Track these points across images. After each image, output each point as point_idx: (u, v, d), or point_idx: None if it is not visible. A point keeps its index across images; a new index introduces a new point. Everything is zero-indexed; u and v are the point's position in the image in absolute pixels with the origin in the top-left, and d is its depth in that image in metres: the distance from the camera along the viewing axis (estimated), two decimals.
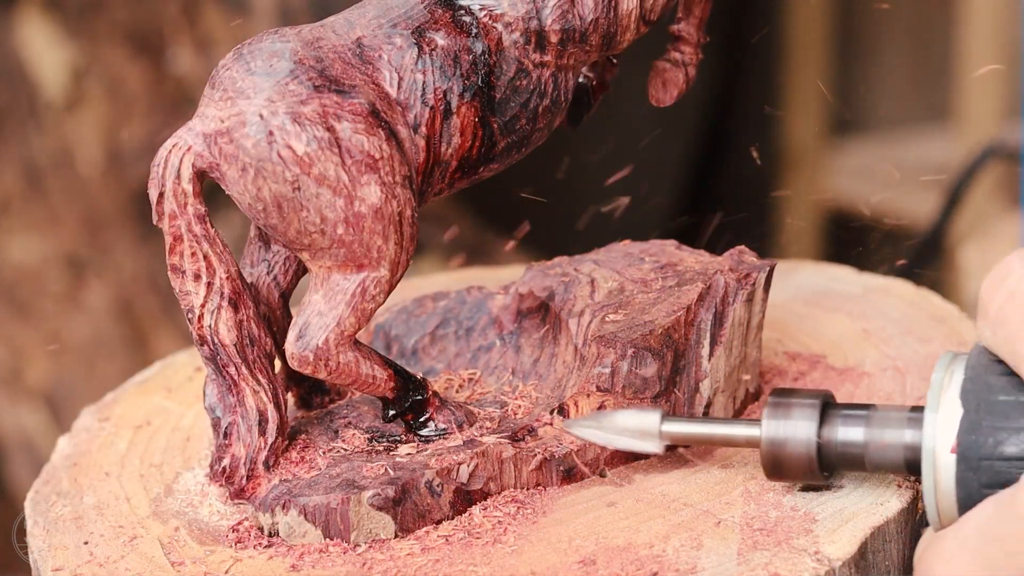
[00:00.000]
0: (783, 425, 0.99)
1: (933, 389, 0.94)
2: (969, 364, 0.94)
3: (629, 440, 1.02)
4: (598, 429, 1.03)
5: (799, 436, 0.98)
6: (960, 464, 0.91)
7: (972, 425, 0.91)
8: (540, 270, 1.15)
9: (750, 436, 1.00)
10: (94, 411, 1.19)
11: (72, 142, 2.40)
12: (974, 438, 0.91)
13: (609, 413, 1.03)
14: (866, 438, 0.98)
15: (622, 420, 1.02)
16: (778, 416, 0.99)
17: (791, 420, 0.99)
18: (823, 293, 1.28)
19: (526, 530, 1.00)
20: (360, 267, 1.02)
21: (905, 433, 0.97)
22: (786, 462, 0.99)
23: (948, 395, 0.93)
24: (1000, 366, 0.92)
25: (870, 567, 0.98)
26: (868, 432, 0.98)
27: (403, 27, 1.04)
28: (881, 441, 0.97)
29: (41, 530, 1.05)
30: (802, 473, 0.99)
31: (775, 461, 0.99)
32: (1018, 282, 0.91)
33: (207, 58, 2.40)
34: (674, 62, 1.15)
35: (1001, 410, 0.91)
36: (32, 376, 2.39)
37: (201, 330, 1.03)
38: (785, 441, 0.99)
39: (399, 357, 1.15)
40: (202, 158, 1.01)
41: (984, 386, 0.92)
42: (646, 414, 1.02)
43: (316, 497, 1.00)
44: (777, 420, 0.99)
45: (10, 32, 2.40)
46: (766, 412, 0.99)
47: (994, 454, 0.90)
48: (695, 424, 1.03)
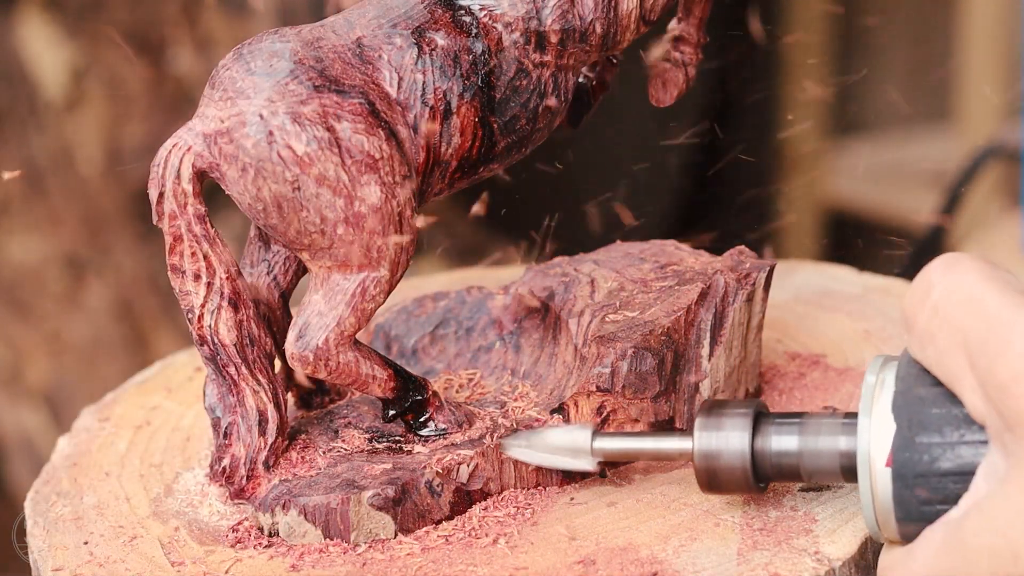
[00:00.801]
0: (715, 436, 0.97)
1: (864, 395, 0.92)
2: (899, 374, 0.91)
3: (561, 459, 1.00)
4: (528, 448, 1.01)
5: (732, 447, 0.96)
6: (896, 482, 0.89)
7: (905, 441, 0.89)
8: (540, 270, 1.15)
9: (682, 449, 0.98)
10: (94, 411, 1.19)
11: (72, 142, 2.40)
12: (908, 455, 0.89)
13: (540, 431, 1.02)
14: (800, 446, 0.96)
15: (553, 438, 1.00)
16: (710, 427, 0.97)
17: (723, 431, 0.97)
18: (823, 293, 1.28)
19: (526, 530, 1.00)
20: (360, 267, 1.02)
21: (840, 440, 0.95)
22: (720, 474, 0.97)
23: (880, 404, 0.91)
24: (930, 377, 0.90)
25: (870, 567, 0.98)
26: (802, 440, 0.96)
27: (403, 27, 1.04)
28: (815, 449, 0.95)
29: (41, 530, 1.05)
30: (737, 485, 0.97)
31: (710, 474, 0.97)
32: (940, 296, 0.89)
33: (207, 58, 2.40)
34: (674, 62, 1.15)
35: (934, 424, 0.89)
36: (32, 376, 2.39)
37: (201, 330, 1.03)
38: (719, 453, 0.97)
39: (399, 357, 1.15)
40: (202, 158, 1.01)
41: (915, 399, 0.90)
42: (577, 431, 1.00)
43: (316, 497, 1.00)
44: (709, 432, 0.97)
45: (10, 32, 2.40)
46: (697, 424, 0.97)
47: (930, 471, 0.88)
48: (627, 440, 1.01)
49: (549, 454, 1.01)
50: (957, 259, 0.90)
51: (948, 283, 0.89)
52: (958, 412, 0.89)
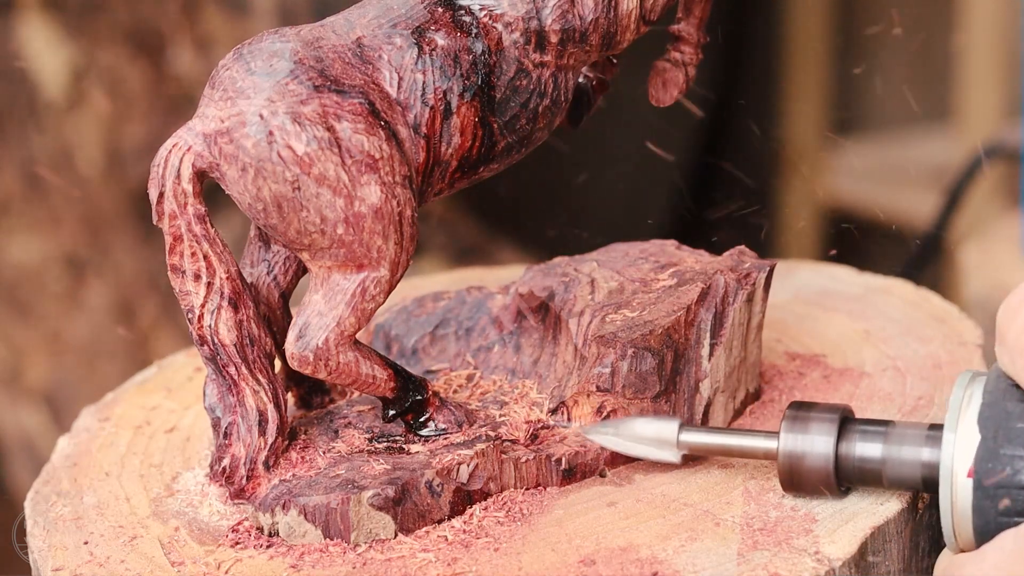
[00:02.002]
0: (801, 439, 0.99)
1: (952, 410, 0.94)
2: (987, 388, 0.94)
3: (646, 448, 1.03)
4: (616, 436, 1.03)
5: (817, 450, 0.98)
6: (977, 491, 0.92)
7: (989, 452, 0.92)
8: (540, 270, 1.15)
9: (768, 448, 1.00)
10: (94, 411, 1.19)
11: (72, 142, 2.40)
12: (991, 465, 0.92)
13: (627, 420, 1.03)
14: (884, 454, 0.98)
15: (640, 428, 1.03)
16: (796, 430, 0.99)
17: (809, 434, 0.99)
18: (823, 293, 1.28)
19: (526, 530, 1.00)
20: (360, 267, 1.02)
21: (923, 451, 0.97)
22: (803, 476, 0.99)
23: (966, 417, 0.93)
24: (1018, 392, 0.92)
25: (870, 567, 0.98)
26: (886, 448, 0.98)
27: (403, 27, 1.04)
28: (899, 458, 0.97)
29: (41, 530, 1.05)
30: (819, 487, 0.99)
31: (792, 474, 0.99)
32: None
33: (207, 58, 2.40)
34: (674, 62, 1.15)
35: (1019, 438, 0.91)
36: (32, 376, 2.39)
37: (201, 330, 1.03)
38: (803, 455, 0.99)
39: (399, 357, 1.15)
40: (202, 158, 1.01)
41: (1002, 412, 0.92)
42: (664, 423, 1.02)
43: (316, 497, 1.00)
44: (795, 434, 0.99)
45: (10, 32, 2.40)
46: (784, 425, 0.99)
47: (1012, 483, 0.91)
48: (713, 435, 1.03)
49: (634, 443, 1.03)
50: None
51: None
52: None
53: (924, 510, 1.02)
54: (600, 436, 1.04)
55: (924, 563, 1.03)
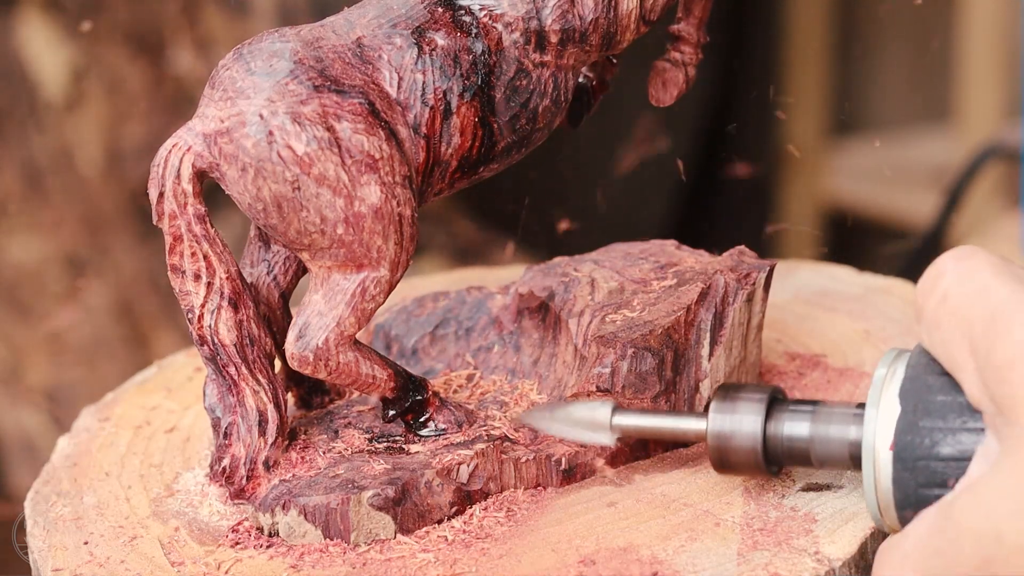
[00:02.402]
0: (729, 419, 0.99)
1: (875, 386, 0.94)
2: (910, 363, 0.94)
3: (581, 432, 1.03)
4: (551, 420, 1.03)
5: (744, 430, 0.99)
6: (896, 463, 0.92)
7: (909, 425, 0.92)
8: (540, 270, 1.15)
9: (697, 430, 1.01)
10: (94, 411, 1.19)
11: (72, 142, 2.40)
12: (910, 438, 0.91)
13: (563, 404, 1.04)
14: (811, 433, 0.98)
15: (575, 412, 1.02)
16: (724, 410, 0.99)
17: (737, 414, 0.99)
18: (823, 293, 1.28)
19: (526, 530, 1.00)
20: (360, 267, 1.02)
21: (850, 429, 0.97)
22: (732, 455, 0.99)
23: (888, 392, 0.93)
24: (938, 366, 0.92)
25: (870, 567, 0.98)
26: (813, 427, 0.98)
27: (403, 27, 1.04)
28: (826, 436, 0.98)
29: (41, 530, 1.05)
30: (748, 466, 1.00)
31: (721, 454, 1.00)
32: (950, 284, 0.90)
33: (207, 58, 2.40)
34: (674, 62, 1.15)
35: (938, 410, 0.91)
36: (32, 376, 2.38)
37: (201, 330, 1.03)
38: (731, 435, 0.99)
39: (399, 357, 1.15)
40: (202, 158, 1.01)
41: (923, 386, 0.92)
42: (598, 406, 1.02)
43: (316, 497, 1.00)
44: (723, 414, 0.99)
45: (10, 32, 2.40)
46: (712, 406, 1.00)
47: (930, 454, 0.91)
48: (645, 417, 1.03)
49: (569, 426, 1.03)
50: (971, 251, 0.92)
51: (959, 272, 0.91)
52: (962, 400, 0.90)
53: None
54: (536, 420, 1.04)
55: None
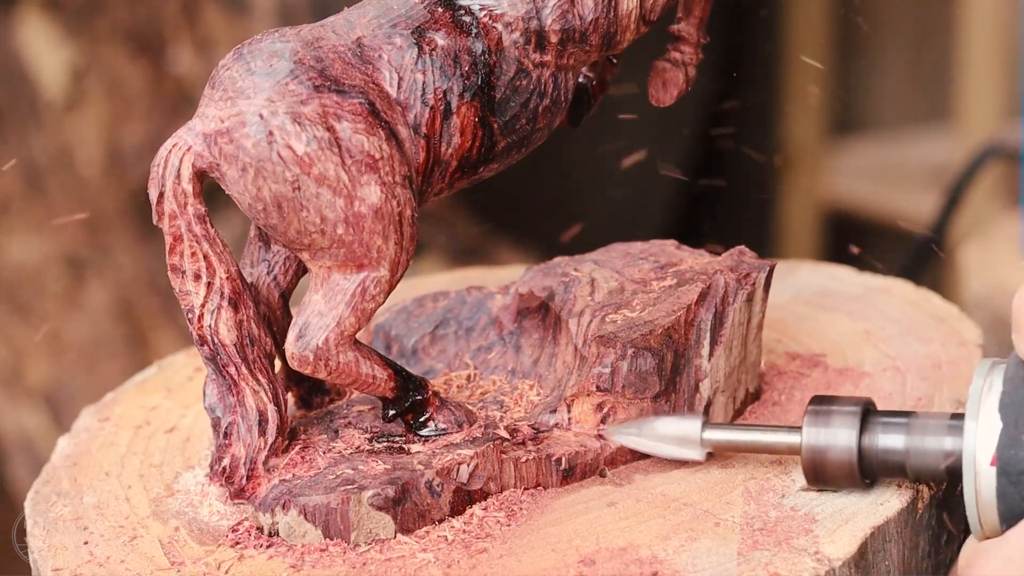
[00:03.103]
0: (823, 433, 0.99)
1: (972, 398, 0.95)
2: (1007, 376, 0.94)
3: (670, 448, 1.03)
4: (639, 436, 1.04)
5: (840, 443, 0.99)
6: (1001, 478, 0.92)
7: (1011, 440, 0.92)
8: (540, 270, 1.15)
9: (791, 443, 1.01)
10: (94, 411, 1.19)
11: (72, 142, 2.40)
12: (1013, 452, 0.92)
13: (650, 420, 1.04)
14: (907, 445, 0.98)
15: (663, 427, 1.03)
16: (818, 424, 1.00)
17: (831, 428, 0.99)
18: (823, 293, 1.28)
19: (526, 530, 1.00)
20: (360, 267, 1.02)
21: (945, 440, 0.97)
22: (827, 469, 1.00)
23: (987, 405, 0.94)
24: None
25: (870, 567, 0.98)
26: (908, 439, 0.98)
27: (403, 27, 1.04)
28: (922, 448, 0.98)
29: (41, 530, 1.05)
30: (843, 480, 1.00)
31: (816, 468, 1.00)
32: None
33: (207, 58, 2.40)
34: (674, 62, 1.15)
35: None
36: (32, 376, 2.39)
37: (201, 330, 1.03)
38: (826, 449, 0.99)
39: (399, 357, 1.15)
40: (202, 158, 1.01)
41: (1022, 399, 0.93)
42: (686, 421, 1.03)
43: (316, 497, 1.00)
44: (817, 428, 0.99)
45: (10, 32, 2.40)
46: (807, 420, 1.00)
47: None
48: (735, 431, 1.03)
49: (657, 442, 1.03)
50: None
51: None
52: None
53: (924, 510, 1.02)
54: (624, 437, 1.05)
55: (924, 563, 1.03)
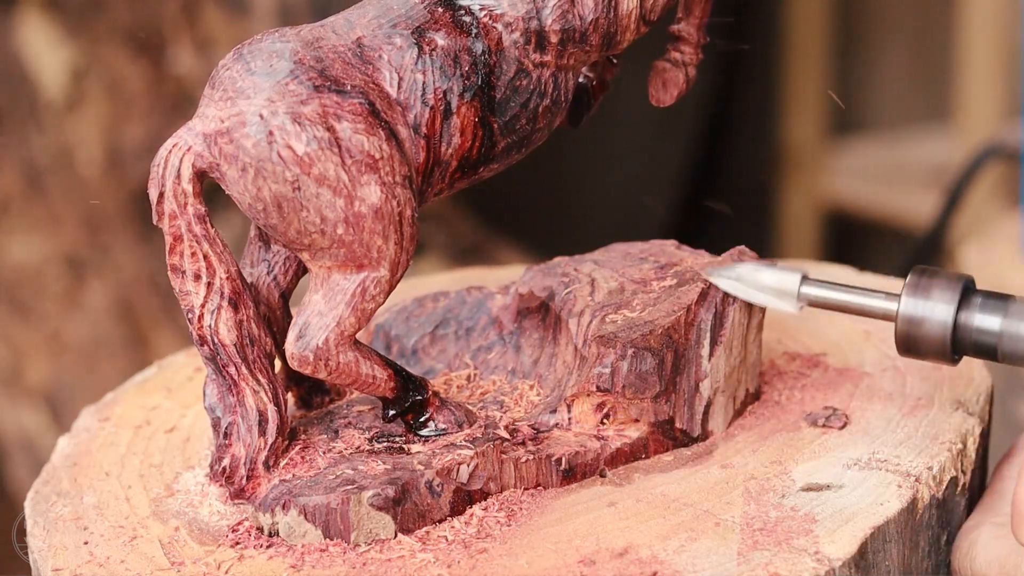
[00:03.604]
0: (922, 304, 1.00)
1: None
2: None
3: (766, 297, 1.03)
4: (738, 281, 1.04)
5: (936, 317, 0.99)
6: None
7: None
8: (540, 270, 1.15)
9: (887, 310, 1.01)
10: (94, 411, 1.19)
11: (72, 142, 2.40)
12: None
13: (751, 266, 1.04)
14: (1002, 328, 0.99)
15: (763, 277, 1.03)
16: (918, 294, 1.00)
17: (930, 300, 1.00)
18: None
19: (526, 530, 1.00)
20: (360, 267, 1.02)
21: None
22: (920, 341, 1.00)
23: None
24: None
25: (870, 567, 0.98)
26: (1005, 322, 0.99)
27: (403, 27, 1.04)
28: (1017, 332, 0.99)
29: (41, 530, 1.05)
30: (934, 354, 1.00)
31: (909, 338, 1.00)
32: None
33: (207, 58, 2.40)
34: (674, 62, 1.15)
35: None
36: (32, 376, 2.39)
37: (201, 330, 1.03)
38: (922, 320, 1.00)
39: (399, 357, 1.15)
40: (202, 158, 1.01)
41: None
42: (787, 274, 1.03)
43: (316, 497, 1.00)
44: (916, 298, 1.00)
45: (10, 32, 2.40)
46: (906, 289, 1.00)
47: None
48: (833, 290, 1.03)
49: (755, 290, 1.04)
50: None
51: None
52: None
53: (924, 510, 1.02)
54: (722, 280, 1.04)
55: (924, 563, 1.03)
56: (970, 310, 0.99)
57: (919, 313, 1.00)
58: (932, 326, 0.99)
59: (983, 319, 0.99)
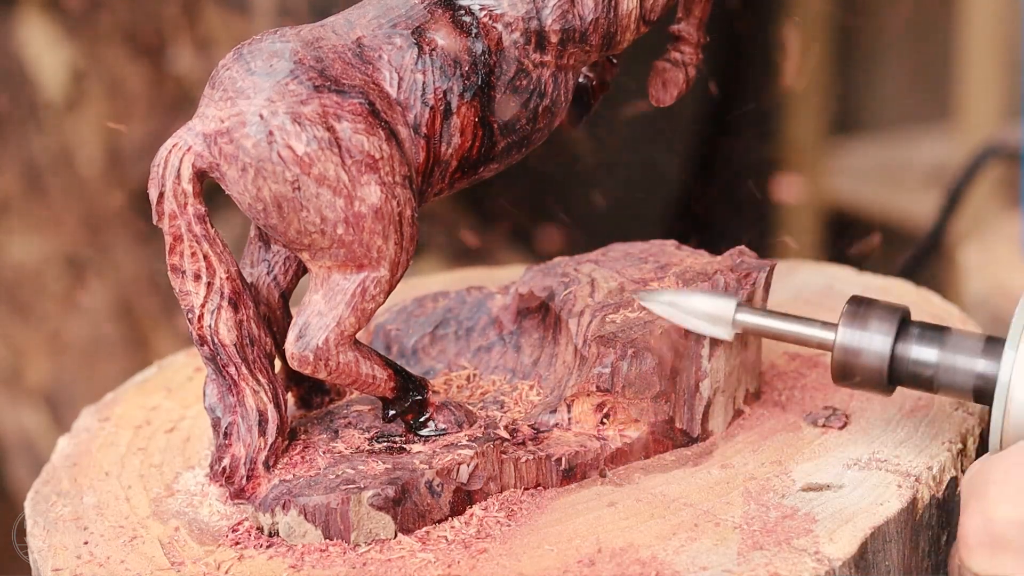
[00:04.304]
0: (859, 335, 1.00)
1: (1015, 327, 0.95)
2: None
3: (700, 323, 1.03)
4: (671, 307, 1.04)
5: (874, 348, 1.00)
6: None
7: None
8: (540, 270, 1.15)
9: (823, 339, 1.01)
10: (94, 411, 1.19)
11: (72, 142, 2.40)
12: None
13: (686, 293, 1.04)
14: (939, 360, 0.99)
15: (697, 303, 1.03)
16: (855, 325, 1.00)
17: (868, 331, 1.00)
18: (823, 293, 1.28)
19: (526, 530, 1.00)
20: (360, 267, 1.02)
21: (978, 362, 0.98)
22: (856, 371, 1.00)
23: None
24: None
25: (870, 567, 0.98)
26: (942, 354, 0.99)
27: (403, 27, 1.04)
28: (953, 365, 0.99)
29: (41, 530, 1.05)
30: (870, 384, 1.00)
31: (845, 368, 1.00)
32: None
33: (207, 58, 2.40)
34: (674, 62, 1.15)
35: None
36: (32, 376, 2.39)
37: (201, 330, 1.03)
38: (859, 351, 1.00)
39: (399, 357, 1.15)
40: (202, 158, 1.01)
41: None
42: (721, 300, 1.03)
43: (316, 497, 1.00)
44: (853, 329, 1.00)
45: (10, 32, 2.40)
46: (843, 319, 1.00)
47: None
48: (768, 318, 1.03)
49: (689, 316, 1.03)
50: None
51: None
52: None
53: (924, 510, 1.02)
54: (656, 305, 1.04)
55: (924, 563, 1.03)
56: (907, 341, 1.00)
57: (856, 344, 1.00)
58: (869, 356, 1.00)
59: (920, 351, 1.00)
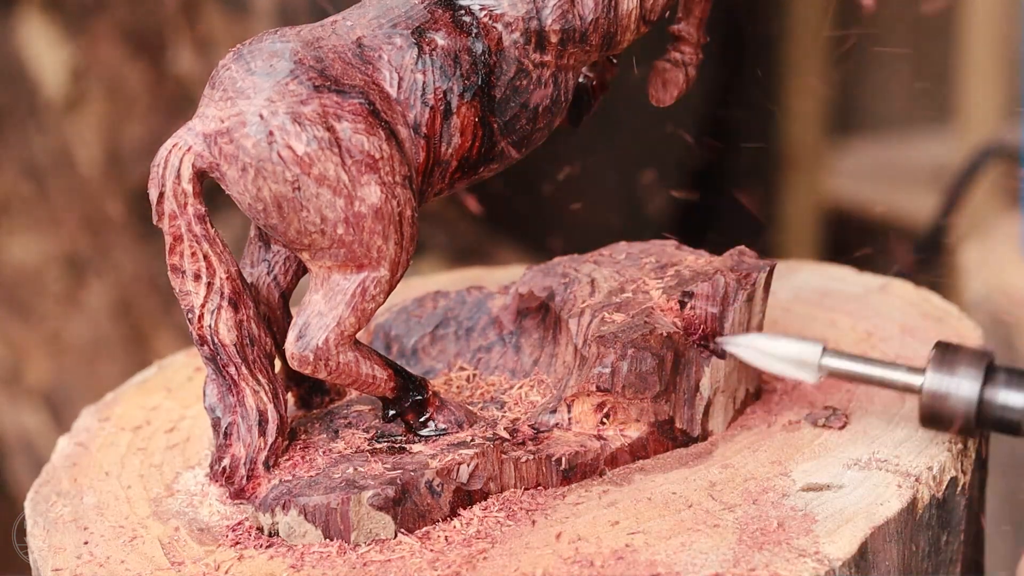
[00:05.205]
0: (947, 380, 1.01)
1: None
2: None
3: (785, 367, 1.04)
4: (756, 351, 1.04)
5: (962, 393, 1.01)
6: None
7: None
8: (540, 270, 1.15)
9: (911, 383, 1.02)
10: (94, 411, 1.19)
11: (72, 142, 2.40)
12: None
13: (770, 337, 1.05)
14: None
15: (782, 348, 1.04)
16: (942, 370, 1.01)
17: (955, 376, 1.01)
18: (823, 293, 1.28)
19: (526, 530, 1.00)
20: (360, 267, 1.02)
21: None
22: (944, 415, 1.02)
23: None
24: None
25: (870, 567, 0.98)
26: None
27: (403, 27, 1.04)
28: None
29: (41, 530, 1.05)
30: (957, 428, 1.02)
31: (933, 413, 1.02)
32: None
33: (207, 58, 2.40)
34: (674, 62, 1.15)
35: None
36: (32, 376, 2.39)
37: (201, 330, 1.03)
38: (947, 396, 1.01)
39: (399, 357, 1.15)
40: (202, 158, 1.01)
41: None
42: (807, 345, 1.04)
43: (316, 497, 1.00)
44: (941, 374, 1.01)
45: (10, 32, 2.40)
46: (931, 363, 1.02)
47: None
48: (855, 363, 1.04)
49: (774, 360, 1.04)
50: None
51: None
52: None
53: (924, 510, 1.02)
54: (740, 349, 1.05)
55: (924, 563, 1.03)
56: (994, 386, 1.01)
57: (944, 389, 1.01)
58: (957, 402, 1.01)
59: (1008, 395, 1.01)
